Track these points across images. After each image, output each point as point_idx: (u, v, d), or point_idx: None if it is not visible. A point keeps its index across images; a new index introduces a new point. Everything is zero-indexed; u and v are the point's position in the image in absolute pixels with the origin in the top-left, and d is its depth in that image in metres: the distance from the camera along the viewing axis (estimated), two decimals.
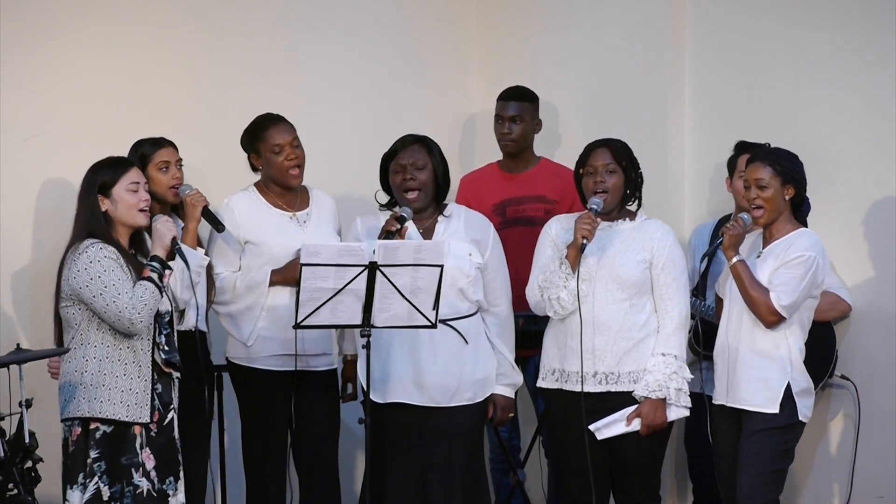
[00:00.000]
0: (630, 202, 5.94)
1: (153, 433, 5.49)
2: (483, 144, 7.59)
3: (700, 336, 5.98)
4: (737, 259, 5.70)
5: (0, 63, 6.52)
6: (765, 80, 6.90)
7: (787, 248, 5.69)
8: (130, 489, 5.43)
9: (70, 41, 6.69)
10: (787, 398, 5.67)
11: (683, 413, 5.85)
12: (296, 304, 5.49)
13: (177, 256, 5.59)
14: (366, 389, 5.66)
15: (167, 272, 5.51)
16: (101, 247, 5.43)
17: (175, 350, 5.56)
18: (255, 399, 6.15)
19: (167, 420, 5.54)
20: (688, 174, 7.20)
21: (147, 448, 5.47)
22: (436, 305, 5.54)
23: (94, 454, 5.41)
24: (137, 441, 5.45)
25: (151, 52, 6.85)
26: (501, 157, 7.04)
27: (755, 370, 5.70)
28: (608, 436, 5.80)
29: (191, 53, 6.97)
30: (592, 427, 5.79)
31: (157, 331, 5.52)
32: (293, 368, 6.09)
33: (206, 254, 5.99)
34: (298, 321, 5.48)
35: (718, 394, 5.82)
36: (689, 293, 5.93)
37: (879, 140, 6.54)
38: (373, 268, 5.46)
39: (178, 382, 5.59)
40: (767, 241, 5.78)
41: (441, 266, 5.50)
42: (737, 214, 6.36)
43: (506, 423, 6.29)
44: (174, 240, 5.56)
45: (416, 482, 5.87)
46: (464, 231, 5.99)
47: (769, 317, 5.65)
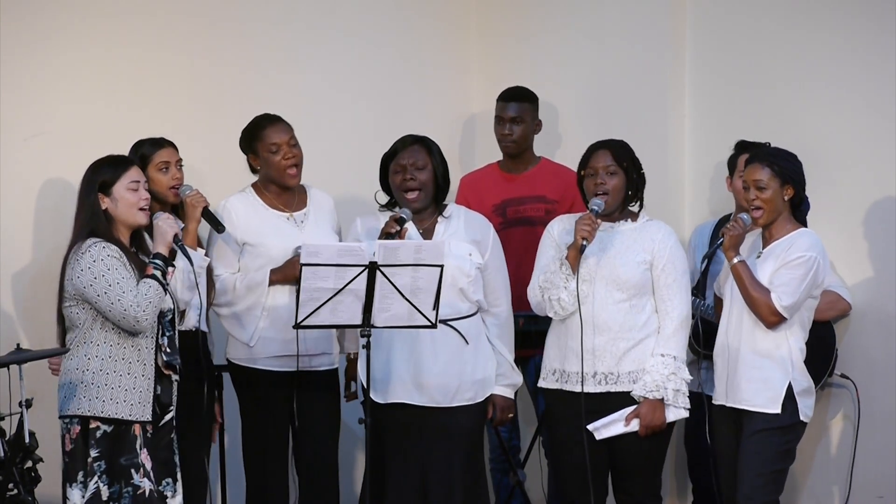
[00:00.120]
0: (632, 203, 5.94)
1: (149, 434, 5.49)
2: (483, 144, 7.59)
3: (700, 335, 5.98)
4: (737, 260, 5.70)
5: (0, 63, 6.52)
6: (765, 80, 6.90)
7: (788, 249, 5.69)
8: (129, 490, 5.43)
9: (70, 41, 6.69)
10: (789, 398, 5.67)
11: (682, 414, 5.84)
12: (296, 304, 5.49)
13: (178, 255, 5.59)
14: (366, 389, 5.66)
15: (170, 269, 5.51)
16: (104, 245, 5.43)
17: (176, 353, 5.56)
18: (256, 399, 6.15)
19: (164, 421, 5.54)
20: (688, 174, 7.20)
21: (146, 449, 5.47)
22: (436, 305, 5.54)
23: (94, 453, 5.41)
24: (137, 442, 5.45)
25: (151, 52, 6.85)
26: (501, 158, 7.04)
27: (756, 370, 5.70)
28: (606, 436, 5.80)
29: (191, 53, 6.97)
30: (591, 427, 5.79)
31: (160, 332, 5.52)
32: (294, 369, 6.09)
33: (206, 255, 5.99)
34: (298, 321, 5.48)
35: (718, 394, 5.82)
36: (690, 293, 5.93)
37: (879, 140, 6.55)
38: (373, 268, 5.46)
39: (178, 383, 5.59)
40: (767, 242, 5.78)
41: (441, 266, 5.50)
42: (737, 214, 6.36)
43: (505, 424, 6.29)
44: (176, 237, 5.56)
45: (417, 482, 5.87)
46: (464, 231, 5.99)
47: (770, 317, 5.65)
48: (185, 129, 6.58)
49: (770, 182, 5.69)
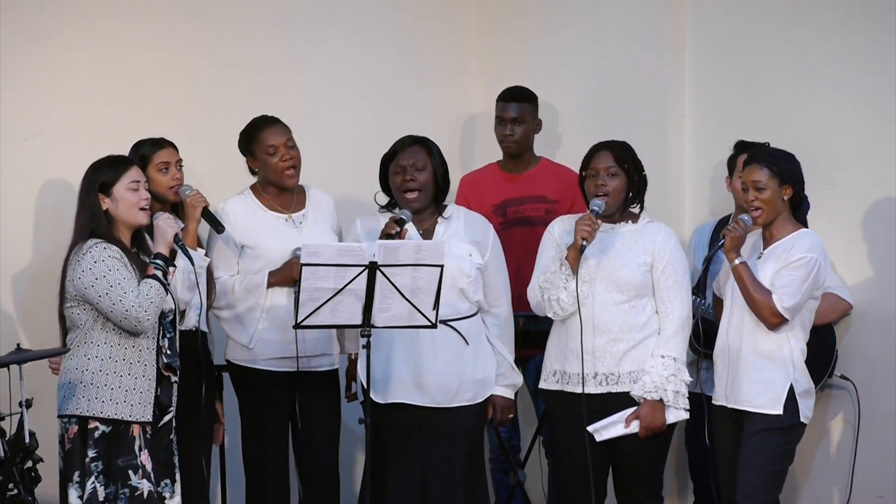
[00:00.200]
0: (633, 205, 5.94)
1: (149, 435, 5.48)
2: (483, 144, 7.59)
3: (701, 335, 5.98)
4: (739, 261, 5.69)
5: (0, 63, 6.52)
6: (765, 80, 6.90)
7: (789, 250, 5.68)
8: (126, 491, 5.42)
9: (70, 41, 6.69)
10: (790, 399, 5.67)
11: (682, 416, 5.83)
12: (294, 305, 5.49)
13: (179, 254, 5.58)
14: (366, 389, 5.66)
15: (171, 269, 5.51)
16: (105, 246, 5.43)
17: (176, 354, 5.56)
18: (256, 399, 6.15)
19: (164, 422, 5.54)
20: (688, 174, 7.20)
21: (146, 450, 5.47)
22: (436, 305, 5.54)
23: (92, 454, 5.41)
24: (136, 443, 5.45)
25: (151, 52, 6.85)
26: (501, 158, 7.04)
27: (757, 371, 5.69)
28: (607, 437, 5.80)
29: (191, 53, 6.97)
30: (591, 428, 5.79)
31: (161, 333, 5.52)
32: (294, 369, 6.09)
33: (206, 255, 5.99)
34: (298, 321, 5.48)
35: (718, 395, 5.82)
36: (690, 295, 5.92)
37: (879, 140, 6.54)
38: (373, 268, 5.46)
39: (178, 383, 5.59)
40: (768, 242, 5.78)
41: (441, 266, 5.50)
42: (737, 215, 6.36)
43: (506, 424, 6.29)
44: (176, 236, 5.56)
45: (417, 482, 5.86)
46: (464, 232, 5.99)
47: (772, 319, 5.65)
48: (185, 129, 6.58)
49: (769, 182, 5.69)
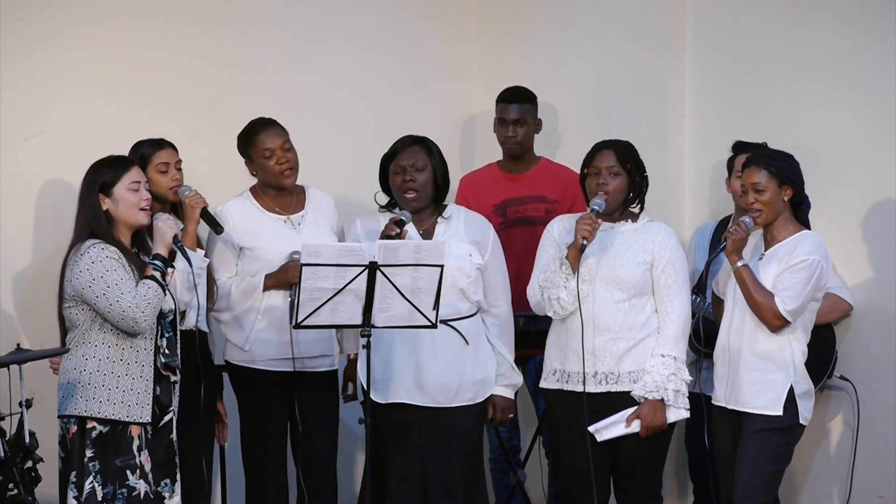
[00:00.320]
0: (633, 205, 5.94)
1: (149, 435, 5.48)
2: (483, 144, 7.59)
3: (701, 335, 5.97)
4: (740, 264, 5.69)
5: (0, 63, 6.52)
6: (765, 80, 6.90)
7: (791, 252, 5.68)
8: (124, 491, 5.42)
9: (70, 41, 6.69)
10: (789, 400, 5.66)
11: (683, 415, 5.84)
12: (289, 307, 5.48)
13: (178, 255, 5.58)
14: (366, 389, 5.66)
15: (170, 270, 5.51)
16: (103, 247, 5.43)
17: (175, 354, 5.55)
18: (255, 399, 6.15)
19: (164, 422, 5.53)
20: (688, 174, 7.20)
21: (146, 450, 5.47)
22: (436, 305, 5.54)
23: (90, 454, 5.40)
24: (135, 443, 5.45)
25: (151, 52, 6.85)
26: (501, 157, 7.04)
27: (758, 373, 5.69)
28: (608, 437, 5.80)
29: (191, 53, 6.97)
30: (592, 428, 5.79)
31: (160, 333, 5.52)
32: (292, 370, 6.09)
33: (205, 256, 5.99)
34: (299, 321, 5.48)
35: (718, 396, 5.81)
36: (690, 293, 5.92)
37: (879, 140, 6.54)
38: (373, 268, 5.46)
39: (179, 383, 5.59)
40: (769, 244, 5.77)
41: (441, 266, 5.50)
42: (737, 215, 6.36)
43: (505, 424, 6.29)
44: (175, 237, 5.56)
45: (417, 482, 5.86)
46: (464, 232, 5.99)
47: (774, 321, 5.64)
48: (185, 130, 6.59)
49: (768, 184, 5.68)
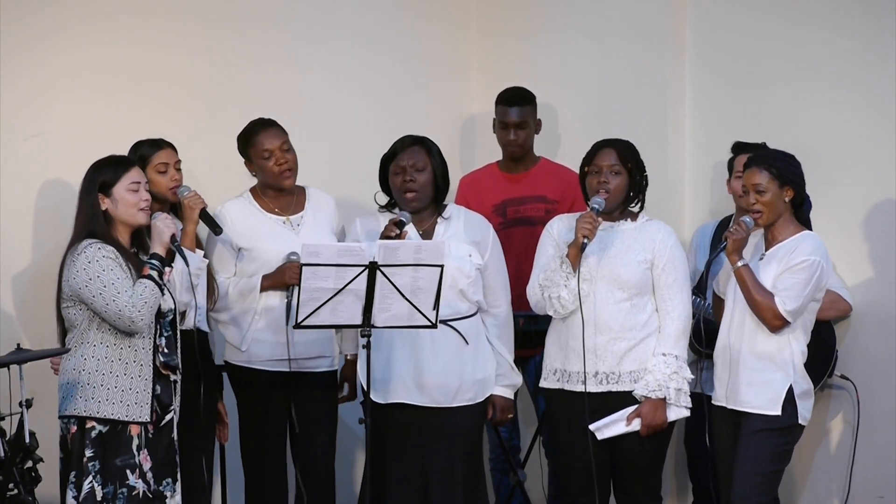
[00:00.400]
0: (633, 204, 5.94)
1: (150, 434, 5.49)
2: (483, 144, 7.59)
3: (702, 335, 5.97)
4: (741, 264, 5.68)
5: (0, 63, 6.52)
6: (764, 80, 6.90)
7: (792, 252, 5.67)
8: (124, 490, 5.42)
9: (70, 41, 6.69)
10: (789, 400, 5.66)
11: (684, 413, 5.84)
12: (286, 308, 5.47)
13: (176, 255, 5.58)
14: (366, 389, 5.66)
15: (167, 269, 5.51)
16: (100, 247, 5.43)
17: (174, 353, 5.55)
18: (253, 400, 6.15)
19: (165, 421, 5.53)
20: (688, 174, 7.20)
21: (145, 449, 5.47)
22: (436, 305, 5.54)
23: (89, 453, 5.40)
24: (135, 442, 5.45)
25: (151, 52, 6.85)
26: (501, 157, 7.04)
27: (758, 373, 5.69)
28: (608, 436, 5.80)
29: (191, 53, 6.97)
30: (592, 427, 5.79)
31: (159, 332, 5.52)
32: (289, 370, 6.09)
33: (204, 256, 5.99)
34: (299, 321, 5.48)
35: (718, 396, 5.81)
36: (691, 293, 5.92)
37: (879, 140, 6.54)
38: (373, 268, 5.46)
39: (179, 383, 5.59)
40: (770, 244, 5.76)
41: (441, 266, 5.50)
42: (737, 215, 6.36)
43: (505, 424, 6.30)
44: (173, 237, 5.56)
45: (417, 482, 5.87)
46: (463, 232, 5.99)
47: (774, 321, 5.64)
48: (185, 130, 6.59)
49: (769, 185, 5.67)
